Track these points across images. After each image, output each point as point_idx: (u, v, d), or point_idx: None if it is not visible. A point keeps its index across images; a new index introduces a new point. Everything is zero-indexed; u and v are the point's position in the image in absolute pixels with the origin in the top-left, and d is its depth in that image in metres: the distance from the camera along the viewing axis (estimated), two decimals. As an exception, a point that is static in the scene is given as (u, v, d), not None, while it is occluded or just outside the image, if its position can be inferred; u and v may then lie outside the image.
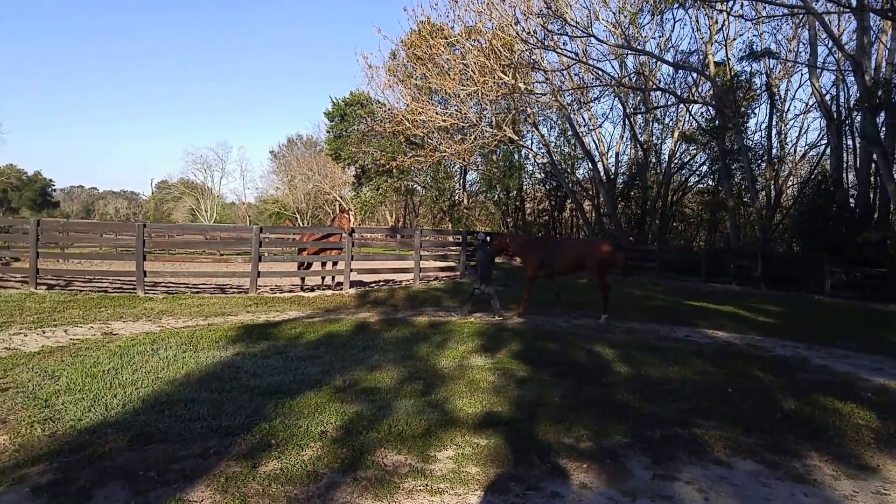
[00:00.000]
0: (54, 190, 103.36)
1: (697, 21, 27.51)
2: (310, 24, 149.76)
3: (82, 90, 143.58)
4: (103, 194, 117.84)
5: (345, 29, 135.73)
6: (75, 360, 7.28)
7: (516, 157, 38.90)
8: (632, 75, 29.34)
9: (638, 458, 4.81)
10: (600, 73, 23.46)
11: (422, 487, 4.17)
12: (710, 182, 33.03)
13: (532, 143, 37.10)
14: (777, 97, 28.34)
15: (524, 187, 41.20)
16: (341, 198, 61.77)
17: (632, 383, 7.04)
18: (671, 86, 29.67)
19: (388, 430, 5.14)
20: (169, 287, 15.56)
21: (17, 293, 13.05)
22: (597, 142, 32.57)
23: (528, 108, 29.94)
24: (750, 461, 4.87)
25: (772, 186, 27.58)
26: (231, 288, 15.91)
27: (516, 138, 30.90)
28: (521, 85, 23.46)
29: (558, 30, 19.27)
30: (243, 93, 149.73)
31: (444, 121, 26.33)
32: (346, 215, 16.85)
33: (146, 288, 14.26)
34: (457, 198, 47.54)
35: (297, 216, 66.25)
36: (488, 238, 12.85)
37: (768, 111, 27.43)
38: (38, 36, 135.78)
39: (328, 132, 50.33)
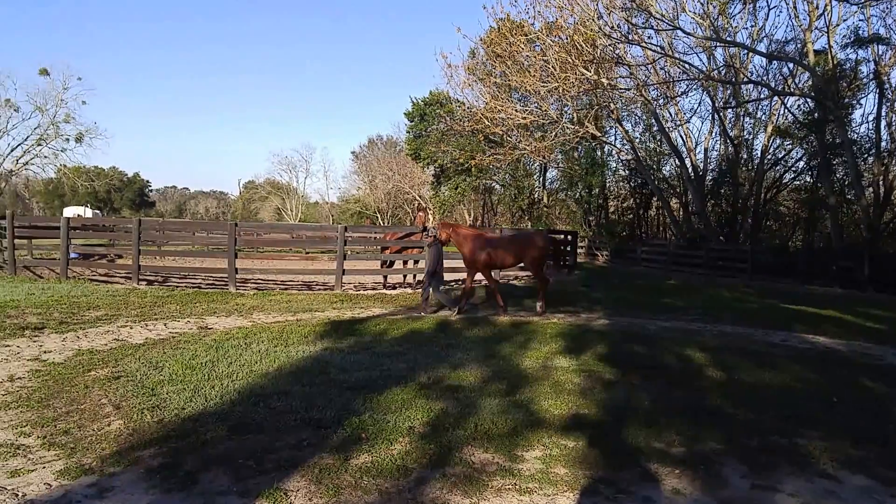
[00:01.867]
0: (151, 190, 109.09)
1: (795, 7, 25.98)
2: (391, 26, 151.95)
3: (176, 96, 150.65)
4: (194, 194, 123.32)
5: (425, 29, 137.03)
6: (176, 352, 7.67)
7: (599, 153, 38.22)
8: (721, 68, 28.19)
9: (734, 467, 4.61)
10: (687, 66, 22.69)
11: (510, 486, 4.15)
12: (808, 179, 31.22)
13: (615, 139, 36.30)
14: (887, 86, 26.31)
15: (607, 185, 40.44)
16: (420, 197, 62.40)
17: (725, 388, 6.77)
18: (764, 78, 28.28)
19: (474, 429, 5.14)
20: (258, 284, 16.11)
21: (122, 288, 13.83)
22: (684, 137, 31.50)
23: (612, 104, 29.32)
24: (860, 476, 4.56)
25: (880, 182, 25.74)
26: (317, 285, 16.32)
27: (599, 135, 30.31)
28: (604, 80, 22.99)
29: (643, 23, 18.77)
30: (327, 95, 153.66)
31: (524, 118, 26.13)
32: (424, 213, 17.06)
33: (237, 284, 14.81)
34: (536, 196, 47.18)
35: (378, 215, 67.35)
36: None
37: (877, 101, 25.58)
38: (137, 45, 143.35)
39: (408, 132, 50.95)
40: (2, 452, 4.51)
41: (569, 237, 22.79)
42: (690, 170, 30.06)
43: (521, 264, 12.99)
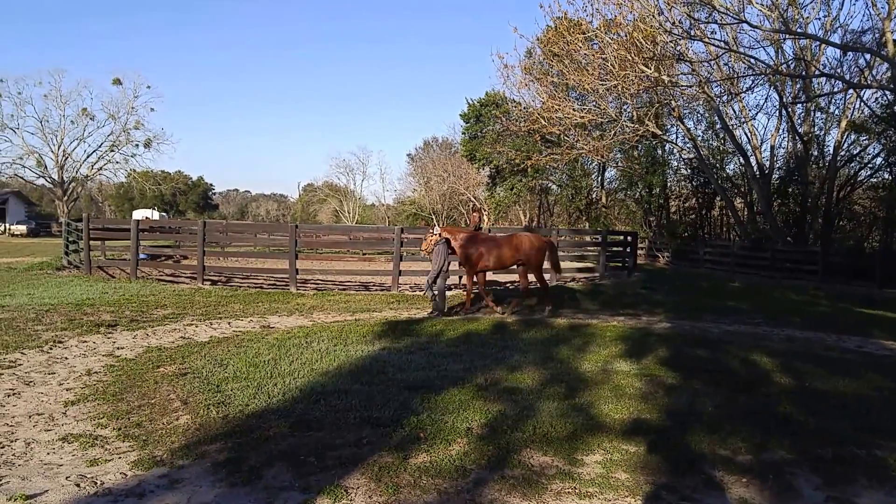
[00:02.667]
0: (214, 193, 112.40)
1: (874, -6, 24.80)
2: (446, 28, 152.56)
3: (238, 101, 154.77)
4: (256, 197, 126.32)
5: (481, 30, 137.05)
6: (239, 350, 7.91)
7: (659, 152, 37.45)
8: (790, 62, 27.03)
9: (806, 477, 4.44)
10: (753, 61, 21.92)
11: (570, 490, 4.11)
12: (886, 175, 29.72)
13: (677, 137, 35.42)
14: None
15: (668, 184, 39.57)
16: (475, 198, 62.37)
17: (795, 395, 6.52)
18: (838, 70, 26.95)
19: (532, 431, 5.11)
20: (318, 284, 16.39)
21: (188, 288, 14.29)
22: (749, 135, 30.45)
23: (673, 102, 28.64)
24: (943, 490, 4.33)
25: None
26: (374, 286, 16.51)
27: (659, 133, 29.69)
28: (665, 77, 22.50)
29: (705, 18, 18.27)
30: (384, 98, 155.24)
31: (582, 117, 25.81)
32: (479, 213, 17.11)
33: (297, 285, 15.11)
34: (594, 196, 46.56)
35: (433, 217, 67.59)
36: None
37: (963, 93, 24.26)
38: (201, 51, 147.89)
39: (463, 133, 50.99)
40: (82, 442, 4.75)
41: (628, 238, 22.43)
42: (756, 168, 29.07)
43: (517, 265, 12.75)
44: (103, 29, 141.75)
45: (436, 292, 11.72)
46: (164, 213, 67.37)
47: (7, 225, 57.28)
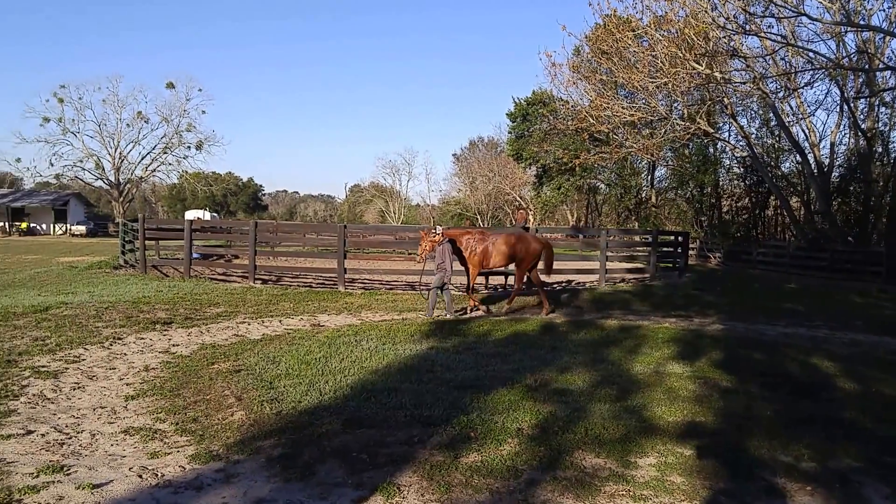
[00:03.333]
0: (263, 194, 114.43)
1: (943, -17, 23.70)
2: (492, 27, 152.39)
3: (286, 103, 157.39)
4: (304, 198, 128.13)
5: (527, 29, 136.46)
6: (291, 347, 8.03)
7: (711, 150, 36.68)
8: (852, 55, 26.05)
9: (875, 487, 4.26)
10: (812, 55, 21.22)
11: (623, 492, 4.04)
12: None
13: (729, 135, 34.58)
14: None
15: (720, 183, 38.71)
16: (521, 198, 62.10)
17: (861, 401, 6.27)
18: (905, 64, 26.00)
19: (584, 433, 5.04)
20: (365, 283, 16.53)
21: (239, 287, 14.57)
22: (807, 132, 29.44)
23: (725, 99, 27.94)
24: None
25: None
26: (420, 285, 16.52)
27: (711, 131, 29.01)
28: (717, 74, 21.96)
29: (762, 12, 17.77)
30: (429, 99, 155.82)
31: (631, 115, 25.43)
32: (524, 212, 17.05)
33: (345, 284, 15.25)
34: (644, 195, 45.88)
35: (478, 217, 67.57)
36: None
37: None
38: (251, 56, 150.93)
39: (510, 132, 50.86)
40: (142, 435, 4.89)
41: (679, 238, 22.01)
42: (814, 166, 28.11)
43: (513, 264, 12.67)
44: (158, 34, 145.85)
45: (445, 297, 11.57)
46: (215, 214, 68.89)
47: (68, 225, 59.38)
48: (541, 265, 12.52)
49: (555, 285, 16.65)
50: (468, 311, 11.99)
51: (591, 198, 53.14)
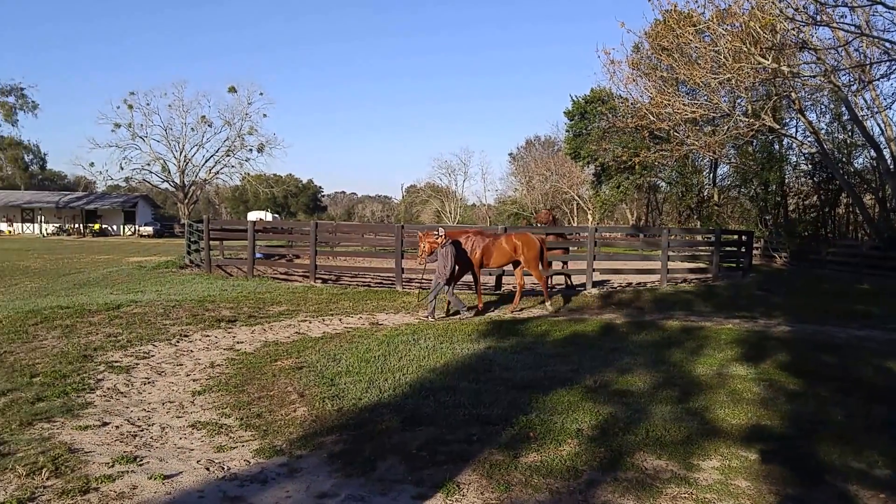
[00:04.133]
0: (323, 195, 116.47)
1: None
2: (548, 25, 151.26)
3: (345, 105, 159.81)
4: (361, 199, 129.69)
5: (585, 27, 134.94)
6: (350, 345, 8.19)
7: (777, 147, 35.45)
8: (935, 42, 24.89)
9: (954, 495, 4.09)
10: (888, 45, 20.32)
11: (686, 495, 3.98)
12: None
13: (796, 131, 33.32)
14: None
15: (786, 180, 37.42)
16: (579, 197, 61.42)
17: (941, 407, 5.99)
18: None
19: (645, 434, 4.98)
20: (422, 283, 16.61)
21: (301, 286, 14.87)
22: (883, 126, 27.99)
23: (793, 93, 26.95)
24: None
25: None
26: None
27: (777, 127, 28.03)
28: (784, 68, 21.22)
29: (834, 1, 17.08)
30: (486, 98, 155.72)
31: (693, 112, 24.82)
32: (546, 212, 17.10)
33: (403, 283, 15.38)
34: (706, 193, 44.73)
35: (535, 216, 67.09)
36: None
37: None
38: (309, 60, 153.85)
39: (567, 131, 50.33)
40: (209, 429, 5.07)
41: (743, 237, 21.40)
42: (890, 162, 26.80)
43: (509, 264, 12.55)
44: (222, 37, 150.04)
45: (450, 299, 11.43)
46: (276, 215, 70.38)
47: (136, 226, 61.64)
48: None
49: (615, 285, 16.42)
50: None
51: (652, 196, 52.15)
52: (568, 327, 9.97)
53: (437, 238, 11.28)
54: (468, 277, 12.75)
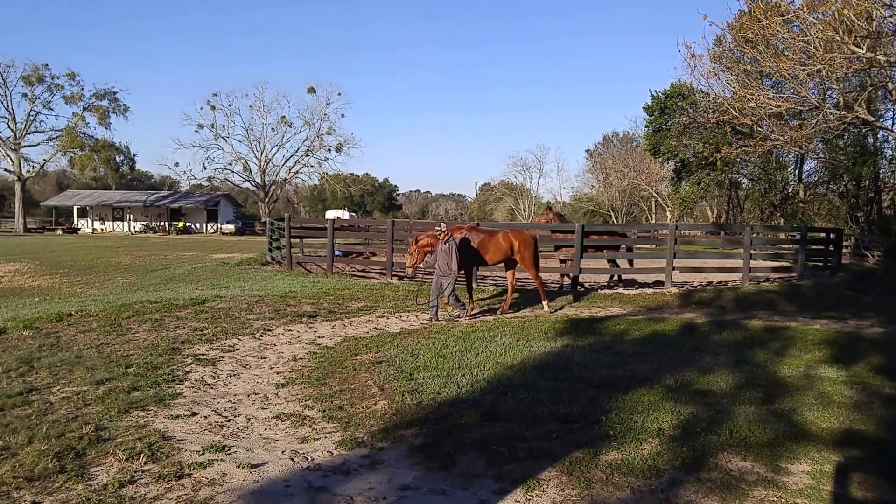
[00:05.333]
0: (398, 194, 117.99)
1: None
2: (626, 21, 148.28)
3: (419, 104, 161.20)
4: (435, 197, 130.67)
5: (664, 21, 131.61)
6: (428, 341, 8.30)
7: (871, 140, 33.72)
8: None
9: None
10: None
11: (774, 499, 3.88)
12: None
13: (893, 123, 31.65)
14: None
15: (881, 175, 35.52)
16: (657, 194, 60.04)
17: None
18: None
19: (729, 435, 4.88)
20: (495, 280, 16.64)
21: (378, 282, 15.15)
22: None
23: (890, 83, 25.58)
24: None
25: None
26: (551, 283, 16.43)
27: (872, 119, 26.58)
28: (881, 57, 20.08)
29: (934, -14, 16.11)
30: (562, 94, 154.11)
31: (778, 106, 23.79)
32: (549, 212, 16.89)
33: (478, 281, 15.43)
34: (790, 190, 42.98)
35: (611, 213, 66.02)
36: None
37: None
38: (385, 58, 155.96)
39: (646, 127, 49.23)
40: (293, 421, 5.25)
41: (831, 235, 20.46)
42: None
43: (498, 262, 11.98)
44: (299, 38, 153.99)
45: (434, 291, 10.67)
46: (353, 213, 71.62)
47: (218, 224, 63.96)
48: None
49: (695, 284, 16.01)
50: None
51: (733, 193, 50.48)
52: (647, 326, 9.80)
53: (438, 233, 10.70)
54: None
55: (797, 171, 42.92)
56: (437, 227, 10.95)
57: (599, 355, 7.63)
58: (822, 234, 21.47)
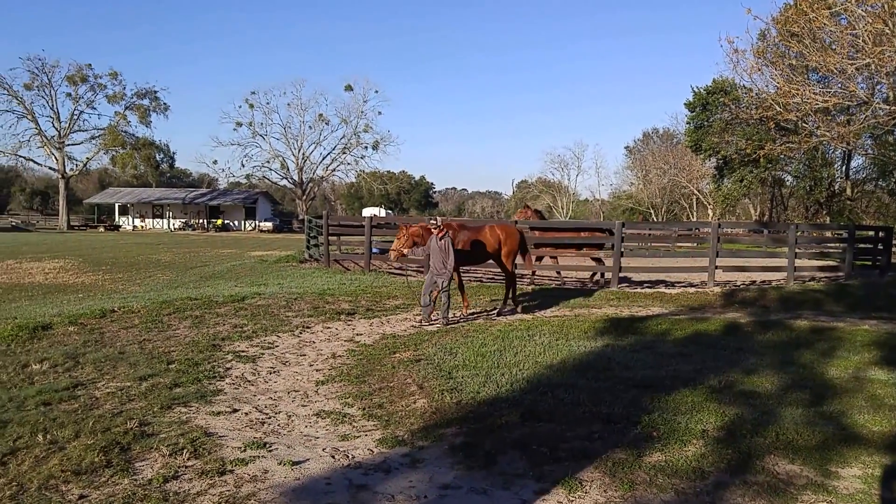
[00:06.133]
0: (434, 192, 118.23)
1: None
2: (666, 16, 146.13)
3: (456, 101, 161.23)
4: (472, 195, 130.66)
5: (705, 15, 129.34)
6: (466, 340, 8.30)
7: (921, 136, 32.71)
8: None
9: None
10: None
11: (824, 503, 3.77)
12: None
13: (944, 119, 30.60)
14: None
15: (931, 172, 34.46)
16: (698, 191, 59.09)
17: None
18: None
19: (775, 437, 4.77)
20: (534, 281, 16.54)
21: (415, 280, 15.03)
22: None
23: (941, 78, 24.79)
24: None
25: None
26: (591, 282, 16.28)
27: (922, 114, 25.85)
28: (932, 50, 19.56)
29: None
30: (601, 90, 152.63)
31: (825, 101, 23.24)
32: (527, 209, 16.81)
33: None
34: (837, 187, 41.88)
35: (651, 211, 65.19)
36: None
37: None
38: (421, 56, 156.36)
39: (688, 123, 48.51)
40: (333, 418, 5.28)
41: (880, 233, 19.88)
42: None
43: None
44: (338, 34, 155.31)
45: (426, 289, 9.90)
46: (389, 211, 71.99)
47: (256, 222, 64.86)
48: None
49: (737, 283, 15.71)
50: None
51: (776, 191, 49.43)
52: (689, 326, 9.64)
53: (433, 227, 10.06)
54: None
55: (844, 167, 41.84)
56: (431, 221, 10.36)
57: (640, 355, 7.52)
58: (871, 233, 20.91)
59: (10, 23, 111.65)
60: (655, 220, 61.35)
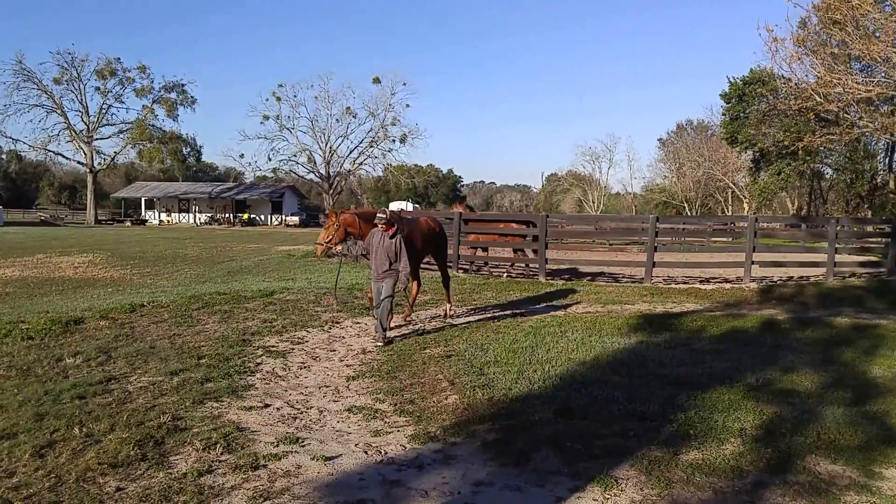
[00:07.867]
0: (462, 185, 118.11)
1: None
2: (701, 6, 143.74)
3: (486, 94, 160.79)
4: (500, 188, 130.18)
5: (742, 2, 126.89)
6: (497, 336, 8.24)
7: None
8: None
9: None
10: None
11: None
12: None
13: None
14: None
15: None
16: (734, 185, 58.07)
17: None
18: None
19: (816, 437, 4.65)
20: (565, 274, 16.42)
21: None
22: None
23: None
24: None
25: None
26: (623, 277, 16.10)
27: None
28: (981, 36, 18.92)
29: None
30: (633, 81, 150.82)
31: (868, 91, 22.66)
32: (461, 204, 16.75)
33: (546, 275, 15.26)
34: (879, 180, 40.78)
35: (685, 205, 64.28)
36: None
37: None
38: (448, 49, 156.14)
39: (723, 114, 47.63)
40: (364, 414, 5.28)
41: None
42: None
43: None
44: (366, 25, 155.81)
45: (382, 306, 8.00)
46: (416, 205, 71.71)
47: (283, 216, 65.01)
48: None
49: (775, 279, 15.40)
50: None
51: (815, 184, 48.34)
52: (725, 323, 9.46)
53: (380, 221, 8.09)
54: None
55: (888, 159, 40.71)
56: (379, 214, 8.23)
57: (675, 352, 7.40)
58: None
59: (40, 22, 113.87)
60: (689, 213, 60.48)
